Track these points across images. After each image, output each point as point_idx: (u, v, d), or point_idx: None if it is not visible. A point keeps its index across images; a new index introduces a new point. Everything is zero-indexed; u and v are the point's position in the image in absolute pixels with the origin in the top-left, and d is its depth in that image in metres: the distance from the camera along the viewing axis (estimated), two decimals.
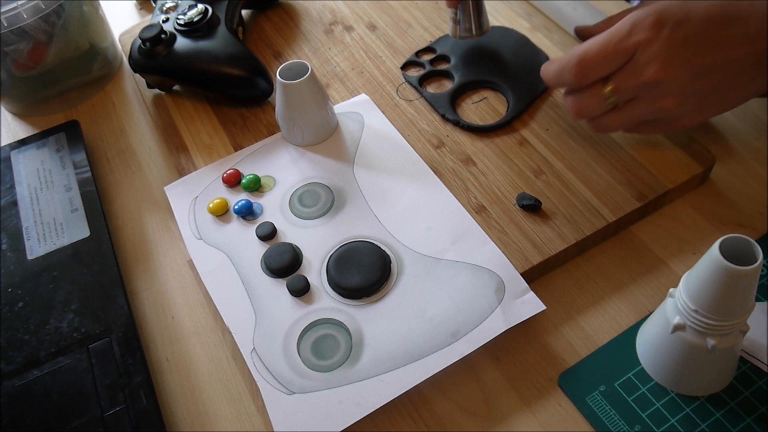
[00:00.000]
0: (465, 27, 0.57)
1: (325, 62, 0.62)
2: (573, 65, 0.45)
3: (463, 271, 0.45)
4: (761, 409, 0.39)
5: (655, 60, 0.43)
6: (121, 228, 0.54)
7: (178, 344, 0.47)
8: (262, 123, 0.58)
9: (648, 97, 0.44)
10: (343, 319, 0.44)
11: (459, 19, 0.57)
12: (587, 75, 0.45)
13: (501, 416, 0.41)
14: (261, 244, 0.49)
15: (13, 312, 0.47)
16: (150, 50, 0.57)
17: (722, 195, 0.50)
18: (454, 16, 0.57)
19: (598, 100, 0.46)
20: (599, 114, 0.47)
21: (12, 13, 0.55)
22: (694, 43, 0.42)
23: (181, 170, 0.56)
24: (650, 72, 0.43)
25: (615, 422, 0.40)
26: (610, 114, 0.46)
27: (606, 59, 0.44)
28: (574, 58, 0.45)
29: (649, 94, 0.44)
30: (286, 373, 0.42)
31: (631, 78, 0.44)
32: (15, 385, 0.43)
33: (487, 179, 0.51)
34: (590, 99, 0.46)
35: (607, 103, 0.45)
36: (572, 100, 0.47)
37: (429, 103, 0.57)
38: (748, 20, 0.42)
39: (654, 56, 0.43)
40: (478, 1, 0.56)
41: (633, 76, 0.44)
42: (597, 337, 0.44)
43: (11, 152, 0.58)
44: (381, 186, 0.51)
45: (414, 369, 0.41)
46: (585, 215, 0.48)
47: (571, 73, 0.46)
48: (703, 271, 0.35)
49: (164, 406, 0.44)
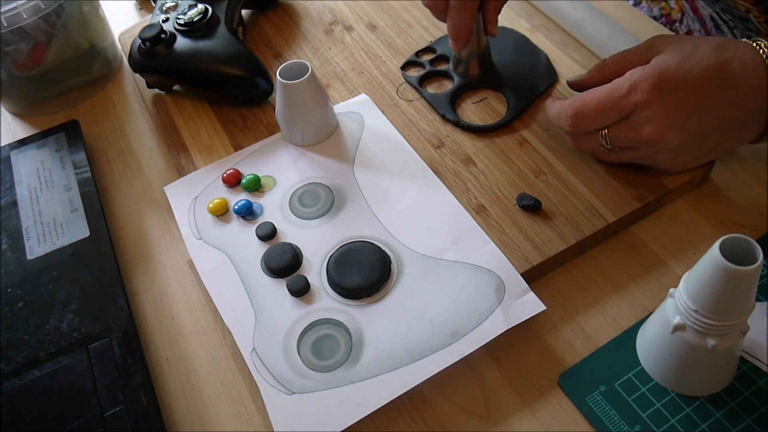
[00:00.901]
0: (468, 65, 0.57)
1: (325, 62, 0.62)
2: (569, 116, 0.47)
3: (463, 272, 0.45)
4: (761, 409, 0.39)
5: (652, 122, 0.44)
6: (121, 228, 0.54)
7: (178, 344, 0.47)
8: (262, 123, 0.58)
9: (643, 150, 0.47)
10: (343, 319, 0.44)
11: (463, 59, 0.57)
12: (582, 126, 0.47)
13: (501, 416, 0.41)
14: (261, 244, 0.49)
15: (13, 312, 0.47)
16: (150, 50, 0.57)
17: (722, 195, 0.50)
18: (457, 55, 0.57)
19: (594, 145, 0.48)
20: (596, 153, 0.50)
21: (12, 13, 0.55)
22: (690, 106, 0.44)
23: (181, 170, 0.56)
24: (646, 132, 0.45)
25: (615, 422, 0.40)
26: (606, 154, 0.49)
27: (601, 114, 0.46)
28: (572, 109, 0.47)
29: (644, 148, 0.46)
30: (286, 373, 0.42)
31: (628, 134, 0.46)
32: (15, 385, 0.43)
33: (487, 179, 0.51)
34: (587, 142, 0.49)
35: (604, 148, 0.48)
36: (571, 139, 0.50)
37: (429, 103, 0.57)
38: (738, 81, 0.43)
39: (651, 118, 0.44)
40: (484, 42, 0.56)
41: (630, 132, 0.46)
42: (597, 337, 0.44)
43: (11, 152, 0.58)
44: (381, 186, 0.51)
45: (414, 369, 0.41)
46: (585, 215, 0.48)
47: (567, 123, 0.48)
48: (703, 271, 0.35)
49: (164, 406, 0.44)
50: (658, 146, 0.45)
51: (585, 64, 0.58)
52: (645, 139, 0.45)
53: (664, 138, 0.45)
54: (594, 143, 0.48)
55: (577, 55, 0.59)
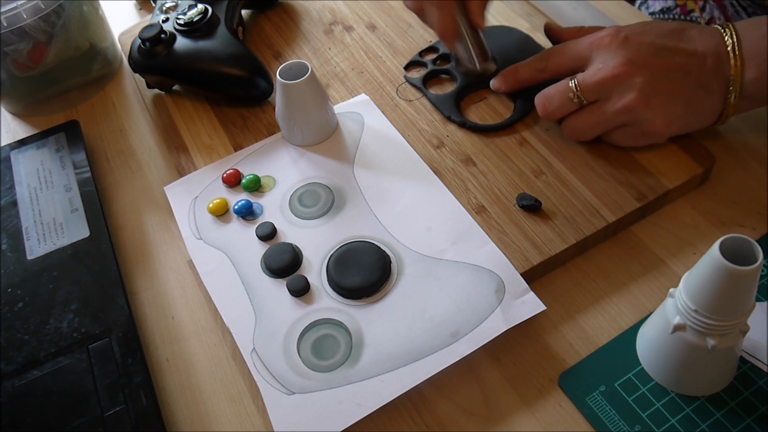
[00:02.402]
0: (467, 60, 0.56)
1: (325, 62, 0.62)
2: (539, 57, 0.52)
3: (463, 272, 0.45)
4: (761, 409, 0.39)
5: (613, 58, 0.47)
6: (121, 228, 0.54)
7: (178, 344, 0.47)
8: (262, 123, 0.58)
9: (612, 96, 0.47)
10: (343, 319, 0.44)
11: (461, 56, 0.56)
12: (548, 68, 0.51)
13: (501, 416, 0.41)
14: (261, 244, 0.49)
15: (13, 312, 0.47)
16: (150, 50, 0.57)
17: (722, 195, 0.50)
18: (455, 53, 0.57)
19: (563, 95, 0.49)
20: (565, 112, 0.50)
21: (12, 13, 0.55)
22: (649, 48, 0.47)
23: (181, 170, 0.56)
24: (609, 67, 0.47)
25: (615, 422, 0.40)
26: (578, 114, 0.49)
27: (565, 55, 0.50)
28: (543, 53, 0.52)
29: (612, 92, 0.47)
30: (286, 373, 0.42)
31: (593, 73, 0.47)
32: (15, 385, 0.43)
33: (487, 179, 0.51)
34: (555, 93, 0.50)
35: (572, 100, 0.49)
36: (539, 96, 0.51)
37: (433, 104, 0.57)
38: (696, 39, 0.47)
39: (612, 56, 0.47)
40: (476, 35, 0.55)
41: (594, 72, 0.47)
42: (597, 337, 0.44)
43: (11, 152, 0.58)
44: (381, 186, 0.51)
45: (414, 369, 0.41)
46: (585, 215, 0.48)
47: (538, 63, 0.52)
48: (703, 271, 0.35)
49: (164, 406, 0.44)
50: (624, 84, 0.46)
51: None
52: (610, 77, 0.46)
53: (628, 73, 0.46)
54: (562, 96, 0.49)
55: None
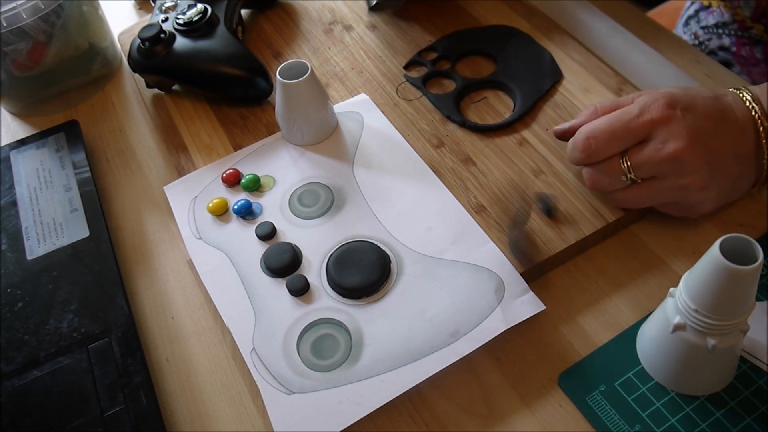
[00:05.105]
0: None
1: (325, 62, 0.62)
2: (580, 140, 0.45)
3: (463, 271, 0.45)
4: (761, 408, 0.39)
5: (675, 138, 0.42)
6: (120, 228, 0.54)
7: (178, 344, 0.47)
8: (262, 123, 0.58)
9: (670, 175, 0.44)
10: (343, 318, 0.44)
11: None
12: (595, 154, 0.44)
13: (501, 416, 0.41)
14: (261, 244, 0.49)
15: (13, 312, 0.47)
16: (149, 50, 0.57)
17: None
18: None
19: (614, 176, 0.45)
20: (615, 188, 0.46)
21: (11, 13, 0.55)
22: (705, 127, 0.43)
23: (181, 170, 0.56)
24: (671, 148, 0.42)
25: (615, 422, 0.40)
26: (629, 190, 0.45)
27: (615, 137, 0.44)
28: (582, 134, 0.45)
29: (670, 171, 0.43)
30: (286, 373, 0.42)
31: (651, 155, 0.43)
32: (15, 385, 0.43)
33: (487, 179, 0.51)
34: (605, 174, 0.45)
35: (625, 179, 0.44)
36: (588, 172, 0.46)
37: (433, 104, 0.57)
38: (736, 116, 0.44)
39: (674, 134, 0.42)
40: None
41: (653, 153, 0.43)
42: (597, 337, 0.44)
43: (11, 152, 0.58)
44: (381, 186, 0.51)
45: (414, 369, 0.41)
46: (585, 215, 0.47)
47: (578, 151, 0.45)
48: (704, 270, 0.35)
49: (164, 406, 0.44)
50: (684, 165, 0.42)
51: (585, 64, 0.58)
52: (670, 157, 0.42)
53: (691, 154, 0.42)
54: (614, 176, 0.45)
55: (577, 55, 0.59)
